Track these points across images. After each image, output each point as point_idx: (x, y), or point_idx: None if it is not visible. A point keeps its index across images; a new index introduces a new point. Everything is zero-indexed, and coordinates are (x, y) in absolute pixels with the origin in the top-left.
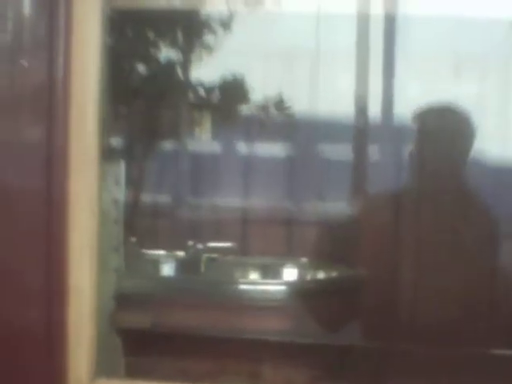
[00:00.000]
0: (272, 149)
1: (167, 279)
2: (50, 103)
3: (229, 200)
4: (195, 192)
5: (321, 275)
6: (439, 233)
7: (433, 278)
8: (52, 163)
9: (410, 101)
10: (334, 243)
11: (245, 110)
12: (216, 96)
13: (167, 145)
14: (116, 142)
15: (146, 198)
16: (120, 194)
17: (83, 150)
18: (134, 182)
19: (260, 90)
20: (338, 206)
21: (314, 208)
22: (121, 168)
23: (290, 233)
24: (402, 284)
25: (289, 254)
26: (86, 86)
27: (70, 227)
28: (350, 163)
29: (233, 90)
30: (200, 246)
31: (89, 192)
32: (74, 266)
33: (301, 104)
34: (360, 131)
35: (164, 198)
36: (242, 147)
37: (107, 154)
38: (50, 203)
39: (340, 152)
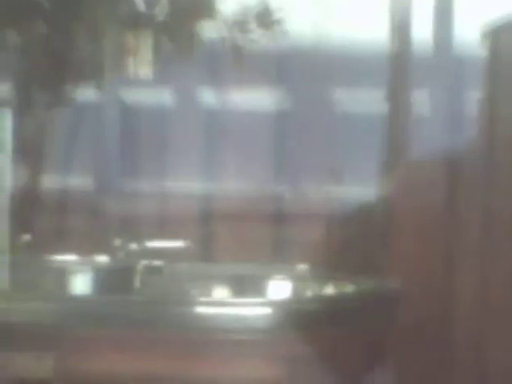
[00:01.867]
0: (254, 97)
1: (80, 300)
2: None
3: (183, 180)
4: (129, 168)
5: (330, 291)
6: None
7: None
8: None
9: (475, 14)
10: (354, 243)
11: (209, 30)
12: (163, 9)
13: (84, 91)
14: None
15: (50, 175)
16: (3, 164)
17: None
18: (30, 150)
19: None
20: (361, 191)
21: (322, 194)
22: (5, 122)
23: (279, 230)
24: (463, 307)
25: (277, 259)
26: None
27: None
28: (382, 120)
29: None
30: (134, 246)
31: None
32: None
33: (301, 19)
34: (398, 68)
35: (79, 177)
36: (204, 94)
37: None
38: None
39: (365, 102)
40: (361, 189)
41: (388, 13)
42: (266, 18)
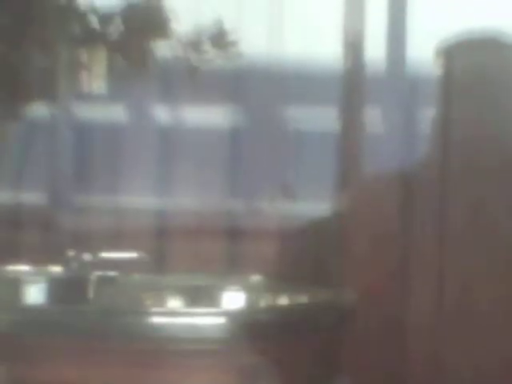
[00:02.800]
0: (207, 115)
1: (33, 310)
2: None
3: (137, 196)
4: (83, 183)
5: (284, 301)
6: (480, 234)
7: (474, 307)
8: None
9: (429, 33)
10: (308, 253)
11: (163, 49)
12: (116, 27)
13: (37, 107)
14: None
15: (2, 189)
16: None
17: None
18: None
19: (188, 16)
20: (314, 206)
21: (275, 209)
22: None
23: (233, 243)
24: (413, 321)
25: (231, 271)
26: None
27: None
28: (335, 136)
29: (143, 17)
30: (87, 256)
31: None
32: None
33: (254, 39)
34: (351, 85)
35: (32, 192)
36: (158, 112)
37: None
38: None
39: (318, 119)
40: (314, 204)
41: (341, 31)
42: (220, 40)
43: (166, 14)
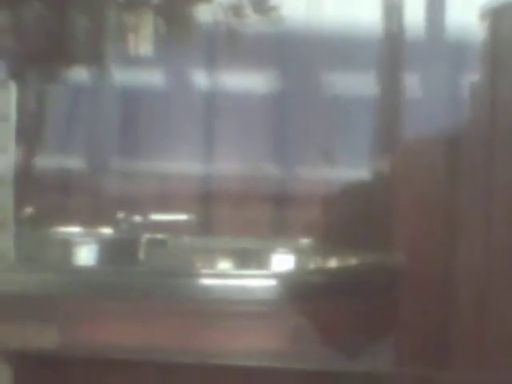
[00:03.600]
0: (249, 80)
1: (84, 271)
2: None
3: (184, 158)
4: (129, 145)
5: (332, 264)
6: None
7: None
8: None
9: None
10: (354, 216)
11: (204, 13)
12: None
13: (80, 71)
14: None
15: (51, 150)
16: (8, 136)
17: None
18: (31, 126)
19: None
20: (354, 171)
21: (317, 173)
22: (10, 95)
23: (279, 208)
24: (461, 280)
25: (279, 233)
26: None
27: None
28: (375, 102)
29: None
30: (137, 219)
31: None
32: None
33: (294, 3)
34: (390, 49)
35: (79, 153)
36: (200, 77)
37: None
38: None
39: (357, 83)
40: (354, 169)
41: None
42: (261, 4)
43: None
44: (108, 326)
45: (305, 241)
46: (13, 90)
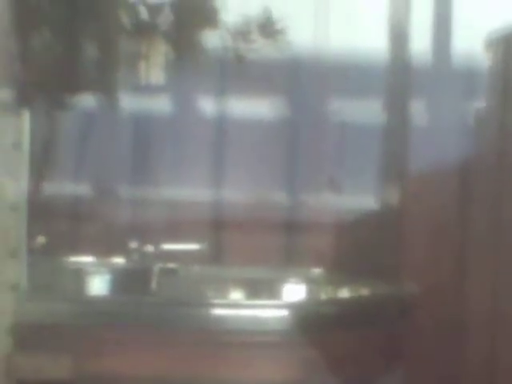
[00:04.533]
0: (257, 106)
1: (97, 301)
2: None
3: (193, 185)
4: (139, 172)
5: (344, 294)
6: None
7: None
8: None
9: (477, 27)
10: (365, 246)
11: (212, 39)
12: (166, 17)
13: (88, 98)
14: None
15: (64, 178)
16: (21, 164)
17: None
18: (41, 154)
19: (236, 5)
20: (360, 199)
21: (321, 202)
22: (23, 123)
23: (288, 233)
24: (472, 307)
25: (290, 262)
26: None
27: None
28: (382, 129)
29: (193, 8)
30: (149, 248)
31: None
32: None
33: (300, 29)
34: (397, 77)
35: (90, 180)
36: (209, 102)
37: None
38: None
39: (366, 111)
40: (360, 197)
41: (387, 22)
42: (268, 29)
43: (215, 3)
44: (120, 356)
45: (316, 270)
46: (26, 118)
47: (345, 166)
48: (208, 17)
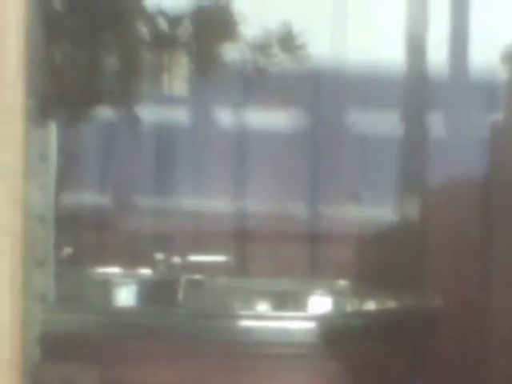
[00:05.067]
0: (276, 118)
1: (124, 312)
2: None
3: (216, 196)
4: (164, 183)
5: (370, 306)
6: None
7: None
8: None
9: (494, 40)
10: (390, 257)
11: (232, 52)
12: (185, 29)
13: (108, 109)
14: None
15: (88, 189)
16: (49, 175)
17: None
18: (66, 165)
19: (256, 19)
20: (379, 211)
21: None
22: (49, 134)
23: (312, 245)
24: (497, 319)
25: (314, 274)
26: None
27: None
28: (400, 140)
29: (212, 20)
30: (175, 260)
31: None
32: None
33: (322, 43)
34: (415, 90)
35: (116, 191)
36: (229, 115)
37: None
38: None
39: (384, 123)
40: (379, 208)
41: (404, 35)
42: (289, 43)
43: (235, 16)
44: (147, 367)
45: (341, 282)
46: (52, 130)
47: (364, 177)
48: (228, 30)
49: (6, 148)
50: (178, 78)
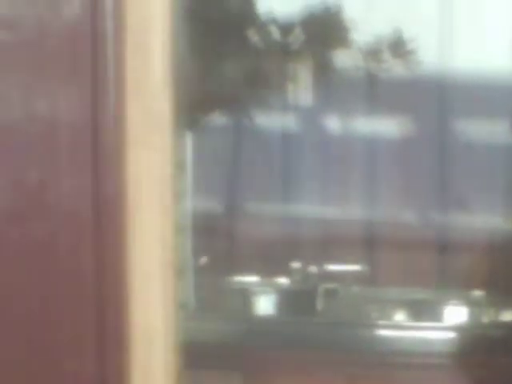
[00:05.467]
0: (384, 124)
1: (264, 321)
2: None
3: (343, 204)
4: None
5: (507, 317)
6: None
7: None
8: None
9: None
10: None
11: (343, 58)
12: (296, 37)
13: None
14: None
15: (221, 195)
16: (185, 184)
17: (146, 120)
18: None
19: (367, 25)
20: (489, 219)
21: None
22: (186, 143)
23: (446, 254)
24: None
25: (445, 283)
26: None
27: (130, 239)
28: (509, 148)
29: (323, 27)
30: (313, 269)
31: (157, 184)
32: (137, 297)
33: (432, 49)
34: None
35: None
36: (336, 121)
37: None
38: (99, 203)
39: (493, 130)
40: (489, 216)
41: None
42: (399, 48)
43: (346, 23)
44: (286, 376)
45: (475, 292)
46: (189, 138)
47: (472, 184)
48: (339, 36)
49: (156, 156)
50: (296, 85)
